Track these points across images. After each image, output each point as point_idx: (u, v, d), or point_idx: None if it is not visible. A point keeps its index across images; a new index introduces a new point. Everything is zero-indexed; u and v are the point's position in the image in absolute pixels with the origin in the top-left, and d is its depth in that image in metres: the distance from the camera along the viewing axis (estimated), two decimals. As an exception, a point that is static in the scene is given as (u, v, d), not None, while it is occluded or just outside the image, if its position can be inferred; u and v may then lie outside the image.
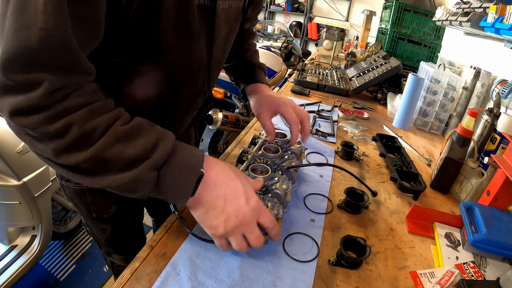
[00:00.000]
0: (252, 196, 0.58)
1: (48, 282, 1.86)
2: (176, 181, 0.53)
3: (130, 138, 0.51)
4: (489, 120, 1.05)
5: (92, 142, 0.48)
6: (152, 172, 0.51)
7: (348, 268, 0.67)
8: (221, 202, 0.56)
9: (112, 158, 0.49)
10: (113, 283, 0.58)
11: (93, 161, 0.49)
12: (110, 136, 0.49)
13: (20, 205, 1.52)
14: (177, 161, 0.53)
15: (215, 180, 0.57)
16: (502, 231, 0.76)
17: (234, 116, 2.48)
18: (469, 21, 1.31)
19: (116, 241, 1.00)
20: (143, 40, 0.59)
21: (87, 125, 0.48)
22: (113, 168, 0.50)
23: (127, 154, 0.50)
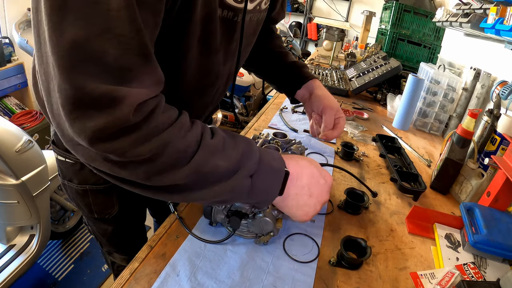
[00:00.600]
0: (326, 173, 0.65)
1: (46, 282, 1.85)
2: (267, 184, 0.57)
3: (221, 150, 0.52)
4: (489, 121, 1.05)
5: (187, 160, 0.48)
6: (246, 180, 0.54)
7: (349, 269, 0.66)
8: (306, 190, 0.61)
9: (208, 172, 0.50)
10: (112, 283, 0.57)
11: (190, 178, 0.49)
12: (204, 151, 0.50)
13: (18, 204, 1.51)
14: (265, 166, 0.56)
15: (296, 174, 0.60)
16: (502, 232, 0.75)
17: (234, 116, 2.47)
18: (469, 22, 1.31)
19: (118, 241, 0.99)
20: (168, 49, 0.58)
21: (180, 143, 0.47)
22: (209, 182, 0.51)
23: (222, 167, 0.51)
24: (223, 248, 0.66)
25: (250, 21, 0.72)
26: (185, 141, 0.48)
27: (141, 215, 1.06)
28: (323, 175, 0.64)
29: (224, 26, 0.63)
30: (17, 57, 2.92)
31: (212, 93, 0.78)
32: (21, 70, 2.92)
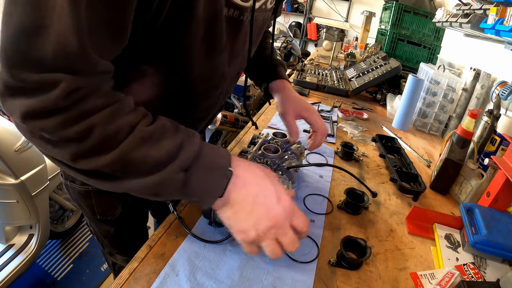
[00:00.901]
0: (283, 195, 0.54)
1: (45, 282, 1.85)
2: (204, 182, 0.51)
3: (155, 139, 0.48)
4: (489, 121, 1.05)
5: (115, 145, 0.46)
6: (178, 174, 0.49)
7: (348, 269, 0.66)
8: (251, 201, 0.53)
9: (137, 161, 0.47)
10: (111, 283, 0.57)
11: (116, 165, 0.46)
12: (135, 138, 0.47)
13: (17, 204, 1.51)
14: (204, 161, 0.51)
15: (244, 179, 0.53)
16: (502, 232, 0.75)
17: (233, 116, 2.47)
18: (469, 22, 1.31)
19: (120, 243, 0.99)
20: (170, 49, 0.57)
21: (110, 127, 0.45)
22: (137, 172, 0.48)
23: (153, 157, 0.47)
24: (223, 248, 0.66)
25: (256, 20, 0.70)
26: (116, 126, 0.45)
27: (143, 216, 1.05)
28: (279, 194, 0.54)
29: (230, 25, 0.62)
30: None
31: (217, 94, 0.76)
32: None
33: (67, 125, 0.43)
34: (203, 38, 0.57)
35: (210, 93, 0.73)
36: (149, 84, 0.63)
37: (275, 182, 0.56)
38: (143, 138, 0.47)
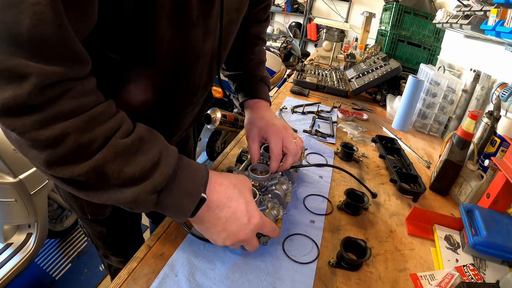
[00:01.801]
0: (255, 213, 0.58)
1: (43, 281, 1.85)
2: (176, 205, 0.51)
3: (130, 154, 0.47)
4: (489, 123, 1.05)
5: (89, 156, 0.44)
6: (151, 195, 0.48)
7: (348, 270, 0.66)
8: (222, 222, 0.56)
9: (111, 174, 0.45)
10: (110, 283, 0.57)
11: (90, 176, 0.45)
12: (109, 151, 0.45)
13: (16, 203, 1.51)
14: (178, 184, 0.50)
15: (218, 203, 0.55)
16: (502, 233, 0.75)
17: (233, 116, 2.47)
18: (470, 24, 1.31)
19: (113, 243, 0.98)
20: (136, 28, 0.53)
21: (84, 136, 0.43)
22: (112, 184, 0.46)
23: (126, 173, 0.46)
24: (222, 249, 0.66)
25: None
26: (91, 135, 0.43)
27: (135, 216, 1.03)
28: (250, 214, 0.57)
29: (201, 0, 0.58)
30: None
31: (196, 75, 0.71)
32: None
33: (39, 127, 0.40)
34: (171, 11, 0.54)
35: (187, 74, 0.69)
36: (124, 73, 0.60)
37: (249, 199, 0.58)
38: (117, 153, 0.45)
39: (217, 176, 0.57)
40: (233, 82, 0.99)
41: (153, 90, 0.66)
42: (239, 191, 0.57)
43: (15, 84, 0.38)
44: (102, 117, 0.45)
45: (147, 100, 0.67)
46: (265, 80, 0.95)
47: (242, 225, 0.56)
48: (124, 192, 0.47)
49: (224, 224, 0.56)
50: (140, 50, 0.57)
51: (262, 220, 0.58)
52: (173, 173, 0.50)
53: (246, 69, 0.96)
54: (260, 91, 0.92)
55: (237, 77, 0.97)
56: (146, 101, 0.67)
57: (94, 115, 0.44)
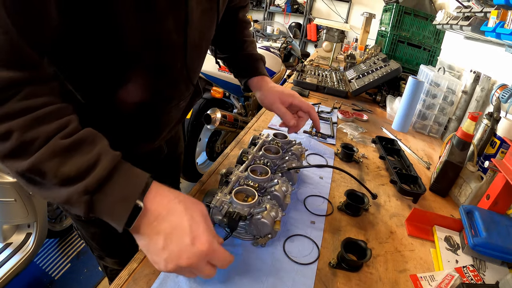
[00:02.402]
0: (201, 236, 0.49)
1: (43, 281, 1.84)
2: (109, 209, 0.48)
3: (68, 154, 0.47)
4: (489, 124, 1.05)
5: (30, 153, 0.46)
6: (82, 196, 0.47)
7: (349, 271, 0.66)
8: (162, 238, 0.49)
9: (49, 172, 0.46)
10: (109, 284, 0.57)
11: (32, 172, 0.46)
12: (48, 150, 0.46)
13: (15, 203, 1.50)
14: (112, 188, 0.48)
15: (156, 214, 0.50)
16: (501, 235, 0.75)
17: (233, 116, 2.47)
18: (470, 25, 1.31)
19: (107, 245, 0.97)
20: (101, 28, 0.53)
21: (26, 134, 0.45)
22: (50, 183, 0.47)
23: (62, 172, 0.46)
24: (223, 249, 0.66)
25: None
26: (33, 134, 0.46)
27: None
28: (195, 234, 0.49)
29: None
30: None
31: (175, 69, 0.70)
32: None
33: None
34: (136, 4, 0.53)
35: (164, 67, 0.68)
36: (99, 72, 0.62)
37: (196, 219, 0.51)
38: (54, 152, 0.46)
39: (163, 189, 0.53)
40: (231, 65, 1.03)
41: (133, 87, 0.66)
42: (185, 208, 0.51)
43: None
44: (47, 118, 0.47)
45: (127, 98, 0.67)
46: (263, 58, 1.02)
47: (183, 246, 0.48)
48: (60, 191, 0.47)
49: (163, 241, 0.49)
50: (109, 48, 0.58)
51: (211, 247, 0.49)
52: (108, 176, 0.48)
53: (243, 51, 0.99)
54: (262, 69, 0.99)
55: (235, 60, 1.01)
56: (127, 99, 0.67)
57: (39, 115, 0.47)
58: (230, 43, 1.00)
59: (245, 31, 1.02)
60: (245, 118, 2.67)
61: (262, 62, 1.01)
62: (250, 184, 0.72)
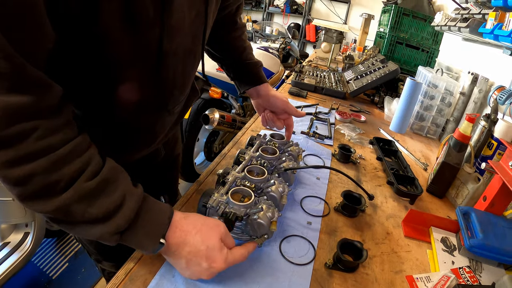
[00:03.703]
0: (217, 259, 0.57)
1: (40, 280, 1.84)
2: (138, 244, 0.54)
3: (94, 196, 0.49)
4: (486, 126, 1.06)
5: (54, 195, 0.46)
6: (113, 235, 0.51)
7: (345, 272, 0.66)
8: (183, 262, 0.57)
9: (76, 214, 0.48)
10: (107, 284, 0.57)
11: (57, 213, 0.47)
12: (74, 193, 0.47)
13: (13, 202, 1.50)
14: (140, 227, 0.53)
15: (176, 247, 0.56)
16: (498, 236, 0.76)
17: (231, 117, 2.47)
18: (468, 27, 1.31)
19: (104, 249, 0.97)
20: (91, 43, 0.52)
21: (50, 177, 0.45)
22: (78, 222, 0.49)
23: (90, 213, 0.49)
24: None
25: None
26: (58, 176, 0.46)
27: None
28: (212, 259, 0.56)
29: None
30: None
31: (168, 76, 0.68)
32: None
33: (10, 166, 0.43)
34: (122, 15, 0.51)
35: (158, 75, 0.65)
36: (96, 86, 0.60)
37: (211, 245, 0.57)
38: (81, 195, 0.48)
39: (183, 222, 0.58)
40: (231, 72, 1.05)
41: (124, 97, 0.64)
42: (202, 239, 0.57)
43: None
44: (69, 157, 0.48)
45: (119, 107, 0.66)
46: (261, 65, 1.05)
47: (202, 269, 0.56)
48: (90, 229, 0.50)
49: (186, 264, 0.56)
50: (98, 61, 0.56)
51: (227, 263, 0.58)
52: (135, 216, 0.52)
53: (242, 59, 1.02)
54: (263, 77, 1.03)
55: (234, 68, 1.04)
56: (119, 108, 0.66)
57: (61, 155, 0.46)
58: (229, 49, 1.01)
59: (242, 36, 1.03)
60: (243, 119, 2.67)
61: (260, 67, 1.04)
62: (247, 184, 0.72)
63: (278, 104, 0.99)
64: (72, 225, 0.50)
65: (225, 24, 0.96)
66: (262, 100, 1.02)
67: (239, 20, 1.01)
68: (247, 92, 1.03)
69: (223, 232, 0.59)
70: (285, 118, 1.02)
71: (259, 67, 1.03)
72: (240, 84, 1.04)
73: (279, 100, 1.00)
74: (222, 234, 0.59)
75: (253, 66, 1.02)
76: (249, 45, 1.04)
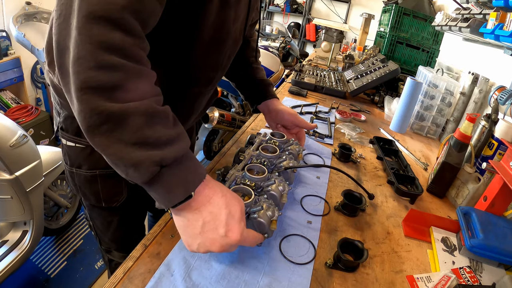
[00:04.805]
0: (235, 229, 0.55)
1: (38, 279, 1.84)
2: (168, 188, 0.51)
3: (155, 120, 0.49)
4: (487, 126, 1.05)
5: (123, 99, 0.47)
6: (154, 166, 0.49)
7: (345, 271, 0.66)
8: (200, 225, 0.54)
9: (131, 126, 0.47)
10: (106, 281, 0.57)
11: (115, 117, 0.46)
12: (142, 105, 0.48)
13: (11, 200, 1.50)
14: (180, 170, 0.52)
15: (200, 204, 0.55)
16: (498, 236, 0.75)
17: (230, 115, 2.46)
18: (469, 27, 1.31)
19: (120, 236, 0.98)
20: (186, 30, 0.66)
21: (129, 80, 0.47)
22: (125, 137, 0.48)
23: (142, 132, 0.48)
24: (219, 248, 0.65)
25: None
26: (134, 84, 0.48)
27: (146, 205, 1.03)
28: (229, 227, 0.54)
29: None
30: (14, 51, 2.89)
31: (222, 54, 0.80)
32: (18, 64, 2.89)
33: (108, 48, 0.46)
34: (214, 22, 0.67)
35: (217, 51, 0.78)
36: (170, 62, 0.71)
37: (233, 213, 0.56)
38: (147, 111, 0.48)
39: (212, 182, 0.57)
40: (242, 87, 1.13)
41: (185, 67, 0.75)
42: (226, 203, 0.56)
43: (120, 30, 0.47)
44: (147, 76, 0.51)
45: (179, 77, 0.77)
46: (270, 82, 1.12)
47: (218, 236, 0.54)
48: (132, 152, 0.48)
49: (201, 228, 0.54)
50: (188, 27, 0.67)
51: (242, 238, 0.56)
52: (181, 157, 0.52)
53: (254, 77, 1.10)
54: (272, 92, 1.09)
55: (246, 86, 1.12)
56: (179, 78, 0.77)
57: (143, 70, 0.50)
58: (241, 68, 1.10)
59: (256, 56, 1.12)
60: (243, 118, 2.67)
61: (271, 85, 1.10)
62: (247, 183, 0.72)
63: (287, 117, 1.02)
64: (116, 140, 0.48)
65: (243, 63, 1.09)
66: (272, 115, 1.05)
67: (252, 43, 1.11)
68: (259, 108, 1.08)
69: (243, 207, 0.59)
70: (296, 132, 1.04)
71: (270, 85, 1.09)
72: (251, 101, 1.10)
73: (287, 114, 1.02)
74: (243, 209, 0.58)
75: (263, 84, 1.08)
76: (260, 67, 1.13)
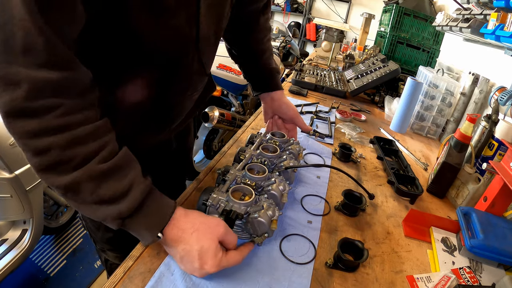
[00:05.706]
0: (209, 263, 0.56)
1: (38, 278, 1.84)
2: (137, 232, 0.57)
3: (104, 178, 0.52)
4: (487, 126, 1.05)
5: (67, 171, 0.49)
6: (116, 220, 0.53)
7: (345, 271, 0.66)
8: (178, 257, 0.58)
9: (85, 192, 0.51)
10: (105, 281, 0.56)
11: (67, 189, 0.50)
12: (86, 172, 0.50)
13: (11, 198, 1.50)
14: (142, 216, 0.55)
15: (172, 242, 0.58)
16: (498, 237, 0.76)
17: (231, 115, 2.46)
18: (470, 27, 1.31)
19: (111, 237, 0.97)
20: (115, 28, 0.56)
21: (65, 153, 0.48)
22: (86, 200, 0.52)
23: (97, 193, 0.51)
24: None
25: None
26: (72, 153, 0.49)
27: None
28: (203, 261, 0.56)
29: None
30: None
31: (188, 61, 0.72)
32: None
33: (31, 136, 0.46)
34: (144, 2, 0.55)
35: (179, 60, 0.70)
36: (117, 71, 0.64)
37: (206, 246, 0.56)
38: (92, 176, 0.50)
39: (180, 218, 0.59)
40: (248, 73, 1.06)
41: (147, 81, 0.69)
42: (198, 239, 0.57)
43: (10, 90, 0.44)
44: (85, 139, 0.50)
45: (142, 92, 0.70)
46: (278, 70, 1.06)
47: (194, 268, 0.57)
48: (96, 210, 0.53)
49: (180, 260, 0.58)
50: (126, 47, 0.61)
51: (220, 268, 0.57)
52: (138, 206, 0.54)
53: (262, 62, 1.03)
54: (279, 83, 1.05)
55: (253, 69, 1.05)
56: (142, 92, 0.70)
57: (77, 135, 0.49)
58: (248, 51, 1.03)
59: (265, 39, 1.03)
60: (243, 117, 2.67)
61: (278, 74, 1.06)
62: (247, 182, 0.72)
63: (289, 113, 1.02)
64: (80, 203, 0.52)
65: (247, 23, 0.97)
66: (275, 105, 1.03)
67: (264, 22, 1.01)
68: (260, 96, 1.06)
69: (222, 232, 0.59)
70: (290, 128, 1.04)
71: (277, 73, 1.05)
72: (255, 87, 1.06)
73: (290, 109, 1.02)
74: (221, 235, 0.59)
75: (270, 72, 1.03)
76: (270, 49, 1.05)
